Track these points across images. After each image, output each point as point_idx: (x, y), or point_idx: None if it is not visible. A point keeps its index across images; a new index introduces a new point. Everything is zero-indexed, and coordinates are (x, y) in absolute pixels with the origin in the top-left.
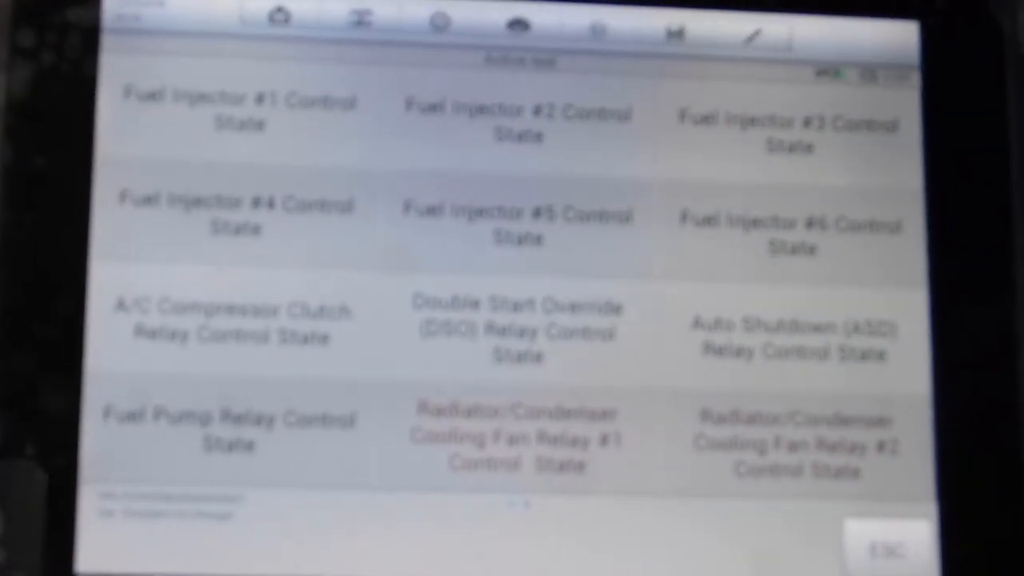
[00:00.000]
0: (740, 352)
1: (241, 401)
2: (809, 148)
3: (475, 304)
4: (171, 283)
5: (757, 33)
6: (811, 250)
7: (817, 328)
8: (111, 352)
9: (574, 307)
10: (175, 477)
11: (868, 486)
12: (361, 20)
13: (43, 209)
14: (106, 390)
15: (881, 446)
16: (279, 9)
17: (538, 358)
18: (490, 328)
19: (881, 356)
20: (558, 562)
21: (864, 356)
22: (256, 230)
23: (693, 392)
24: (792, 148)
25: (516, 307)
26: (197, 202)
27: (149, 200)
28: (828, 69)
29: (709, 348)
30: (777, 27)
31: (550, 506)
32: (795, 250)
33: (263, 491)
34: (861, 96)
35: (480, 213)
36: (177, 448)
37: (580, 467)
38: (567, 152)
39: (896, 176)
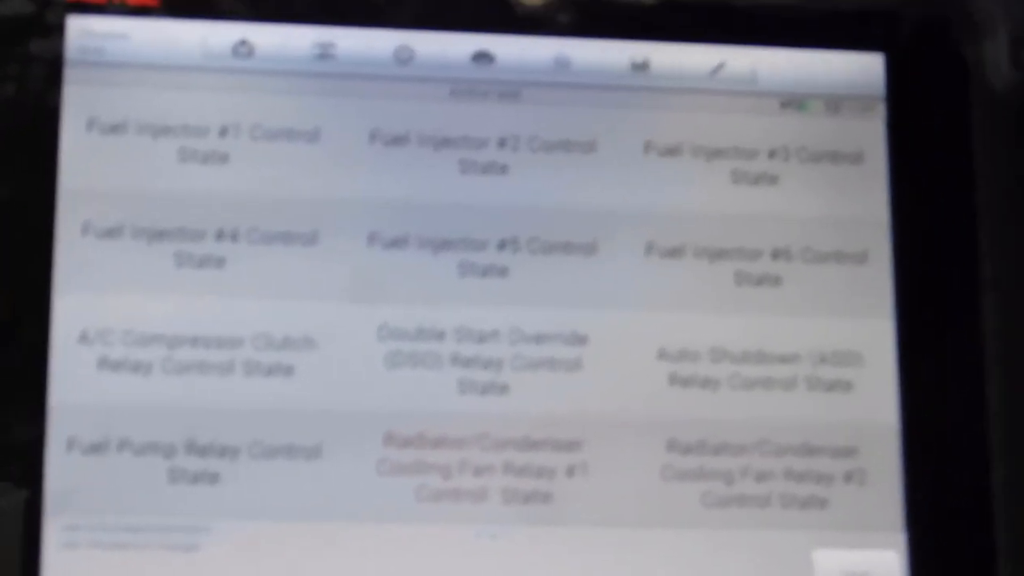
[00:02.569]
0: (707, 382)
1: (206, 432)
2: (774, 179)
3: (440, 335)
4: (135, 315)
5: (721, 65)
6: (777, 281)
7: (783, 358)
8: (75, 384)
9: (539, 338)
10: (140, 508)
11: (836, 516)
12: (325, 53)
13: (6, 241)
14: (70, 422)
15: (849, 476)
16: (243, 42)
17: (504, 389)
18: (456, 359)
19: (848, 386)
20: None
21: (831, 386)
22: (220, 262)
23: (660, 422)
24: (757, 179)
25: (481, 338)
26: (161, 234)
27: (112, 232)
28: (793, 101)
29: (675, 378)
30: (741, 59)
31: (517, 537)
32: (761, 281)
33: (229, 522)
34: (826, 127)
35: (445, 245)
36: (142, 480)
37: (547, 498)
38: (532, 184)
39: (861, 207)
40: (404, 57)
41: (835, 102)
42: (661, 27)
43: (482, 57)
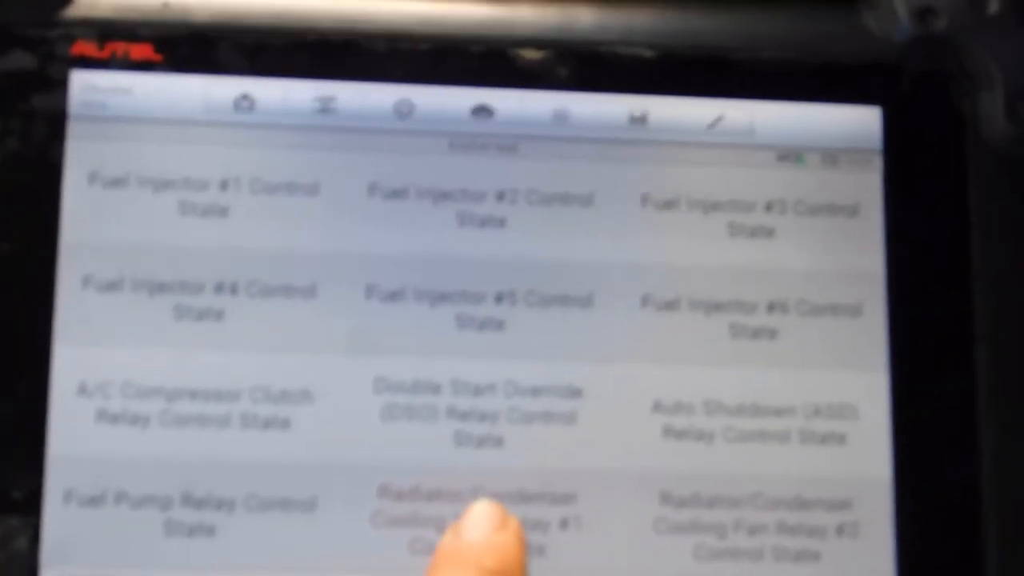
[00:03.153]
0: (701, 435)
1: (202, 485)
2: (770, 233)
3: (436, 388)
4: (134, 368)
5: (719, 119)
6: (772, 334)
7: (778, 412)
8: (73, 436)
9: (535, 391)
10: (136, 561)
11: (828, 570)
12: (325, 107)
13: (6, 293)
14: (68, 474)
15: (841, 529)
16: (244, 96)
17: (499, 442)
18: (451, 412)
19: (842, 440)
20: None
21: (825, 440)
22: (219, 315)
23: (653, 475)
24: (754, 233)
25: (477, 391)
26: (160, 287)
27: (112, 285)
28: (790, 154)
29: (670, 431)
30: (739, 113)
31: None
32: (756, 334)
33: (224, 575)
34: (822, 180)
35: (442, 298)
36: (138, 532)
37: (540, 551)
38: (529, 237)
39: (857, 260)
40: (404, 111)
41: (832, 155)
42: (660, 81)
43: (481, 111)
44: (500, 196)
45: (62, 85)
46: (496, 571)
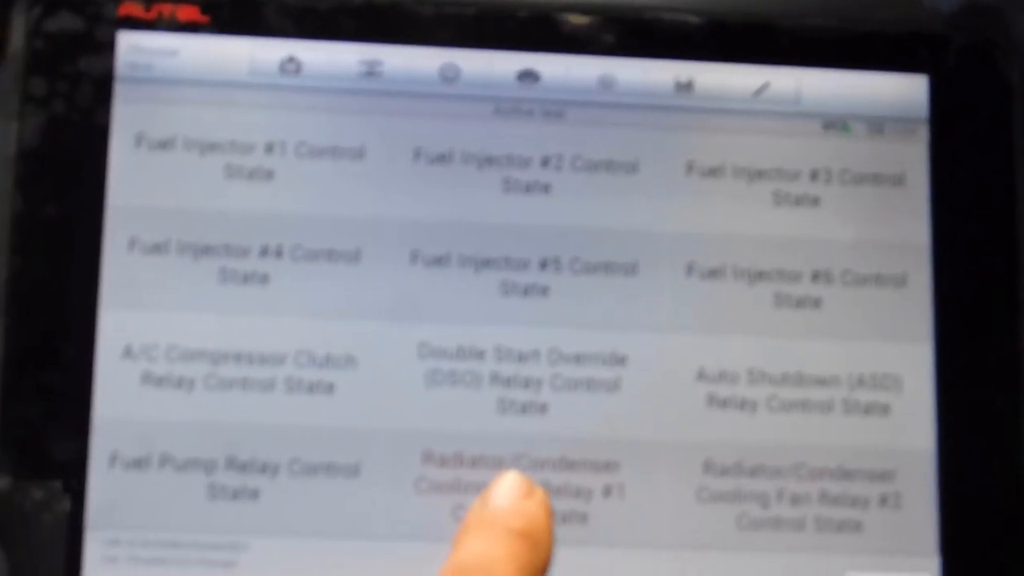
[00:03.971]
0: (744, 404)
1: (246, 449)
2: (815, 201)
3: (480, 354)
4: (179, 331)
5: (765, 86)
6: (816, 303)
7: (821, 381)
8: (118, 399)
9: (579, 358)
10: (180, 524)
11: (870, 540)
12: (371, 71)
13: (53, 256)
14: (113, 437)
15: (884, 500)
16: (290, 59)
17: (543, 409)
18: (495, 379)
19: (885, 410)
20: None
21: (868, 410)
22: (264, 279)
23: (696, 444)
24: (798, 201)
25: (521, 358)
26: (206, 250)
27: (158, 248)
28: (836, 122)
29: (713, 400)
30: (785, 80)
31: (552, 557)
32: (800, 303)
33: (267, 539)
34: (868, 149)
35: (487, 264)
36: (182, 496)
37: (583, 518)
38: (574, 204)
39: (902, 230)
40: (450, 75)
41: (878, 124)
42: (706, 47)
43: (527, 76)
44: (545, 162)
45: (109, 47)
46: (523, 533)
